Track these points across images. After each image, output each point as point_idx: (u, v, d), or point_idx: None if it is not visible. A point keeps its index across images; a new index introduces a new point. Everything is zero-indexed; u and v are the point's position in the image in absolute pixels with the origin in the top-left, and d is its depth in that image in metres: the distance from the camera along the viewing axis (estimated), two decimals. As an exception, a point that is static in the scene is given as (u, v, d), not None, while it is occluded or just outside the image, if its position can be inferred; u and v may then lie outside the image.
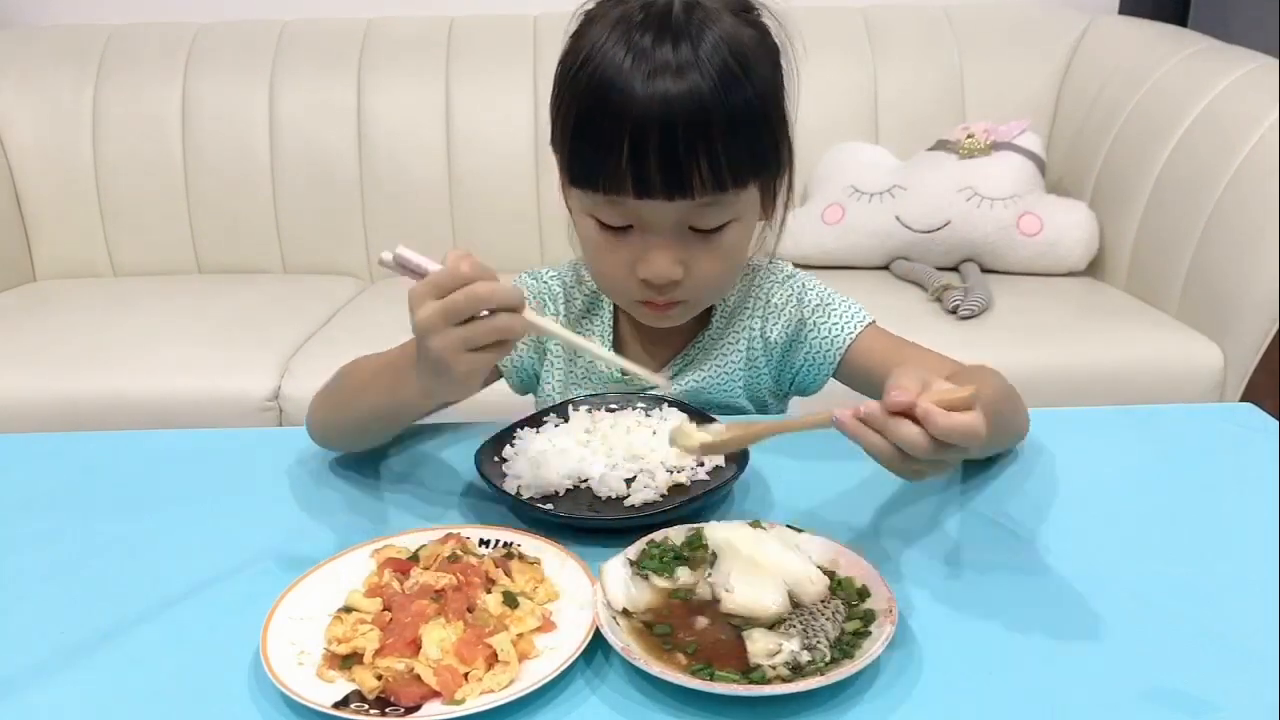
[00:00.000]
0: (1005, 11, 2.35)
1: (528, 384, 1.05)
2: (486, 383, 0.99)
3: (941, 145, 2.14)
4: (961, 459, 0.67)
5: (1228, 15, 2.43)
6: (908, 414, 0.63)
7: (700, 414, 0.91)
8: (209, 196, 2.27)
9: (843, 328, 0.97)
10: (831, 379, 1.00)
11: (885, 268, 2.11)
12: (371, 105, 2.24)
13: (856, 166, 2.15)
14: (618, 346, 1.01)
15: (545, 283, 1.03)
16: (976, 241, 2.03)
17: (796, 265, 1.04)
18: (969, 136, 2.11)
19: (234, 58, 2.28)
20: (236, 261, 2.30)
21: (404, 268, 0.74)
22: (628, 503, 0.79)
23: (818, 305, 0.98)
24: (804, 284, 1.00)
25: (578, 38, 0.85)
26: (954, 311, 1.83)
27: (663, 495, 0.79)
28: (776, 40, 0.88)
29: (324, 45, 2.29)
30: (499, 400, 1.10)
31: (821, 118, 2.23)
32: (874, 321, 0.99)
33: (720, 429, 0.77)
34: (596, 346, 0.83)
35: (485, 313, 0.71)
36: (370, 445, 0.91)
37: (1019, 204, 2.01)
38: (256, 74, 2.26)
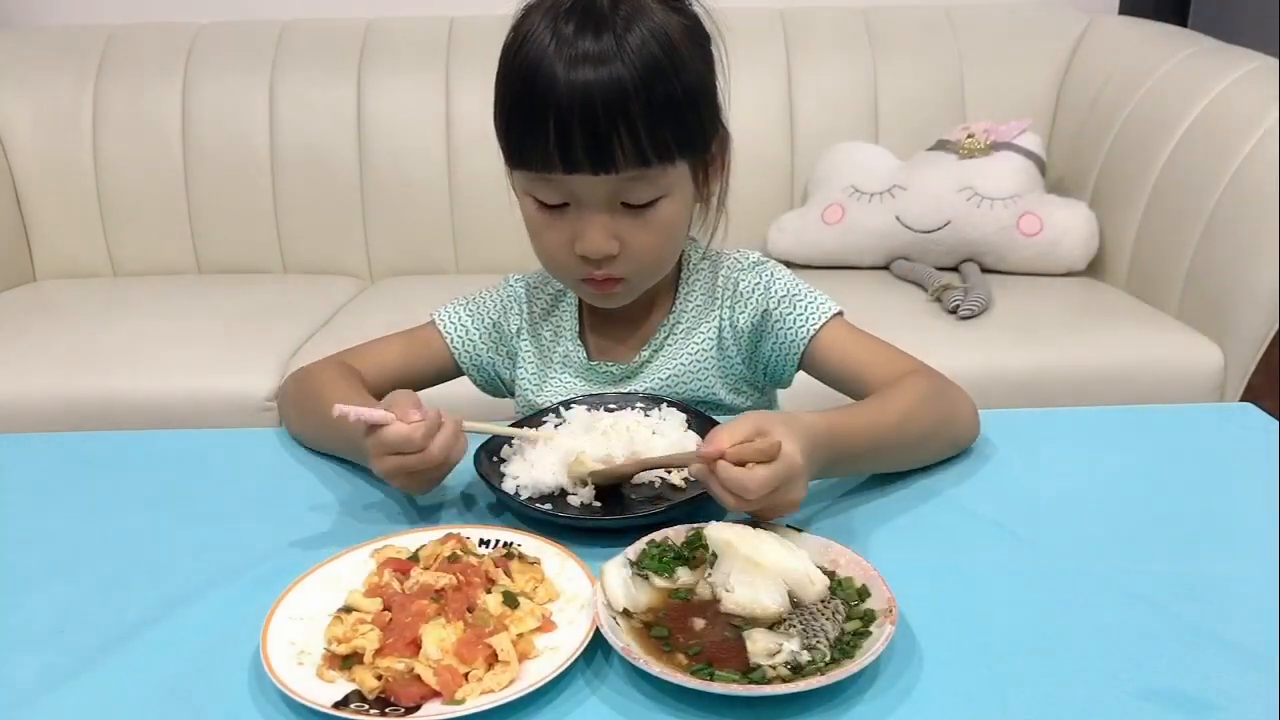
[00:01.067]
0: (1005, 11, 2.35)
1: (491, 383, 1.07)
2: (449, 379, 1.05)
3: (941, 145, 2.14)
4: (792, 496, 0.73)
5: (1228, 15, 2.43)
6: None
7: (697, 413, 0.91)
8: (209, 196, 2.27)
9: (807, 319, 0.97)
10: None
11: (885, 268, 2.11)
12: (372, 105, 2.24)
13: (856, 166, 2.15)
14: (584, 340, 1.03)
15: (511, 286, 1.06)
16: (976, 241, 2.03)
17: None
18: (969, 136, 2.11)
19: (234, 58, 2.28)
20: (236, 261, 2.30)
21: (356, 418, 0.78)
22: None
23: (784, 296, 0.98)
24: (772, 273, 1.00)
25: (515, 29, 0.89)
26: (954, 311, 1.83)
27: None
28: (707, 29, 0.91)
29: (324, 45, 2.29)
30: (498, 401, 1.10)
31: (821, 118, 2.23)
32: (840, 313, 0.98)
33: (614, 459, 0.82)
34: (494, 426, 0.89)
35: None
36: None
37: (1019, 204, 2.01)
38: (257, 74, 2.26)
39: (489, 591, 0.68)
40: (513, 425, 0.91)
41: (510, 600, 0.67)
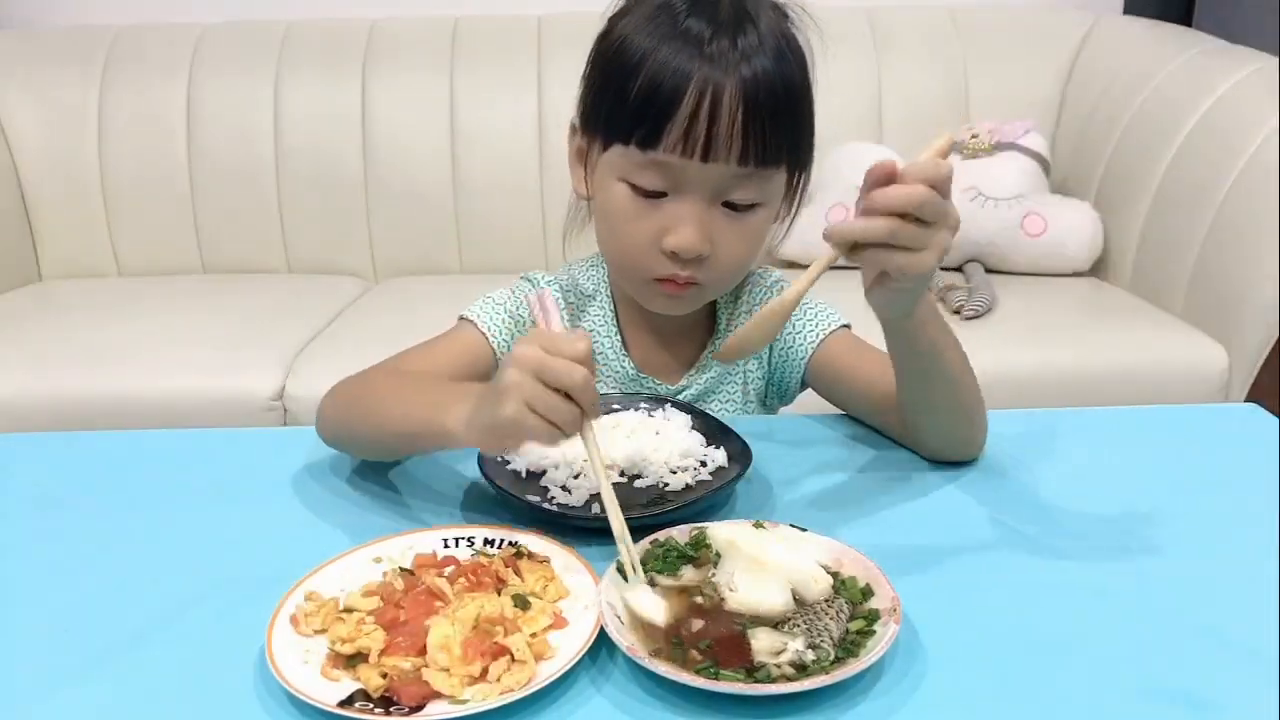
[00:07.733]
0: (1010, 12, 2.35)
1: None
2: (488, 379, 0.98)
3: (946, 145, 2.14)
4: (943, 242, 0.76)
5: (1232, 15, 2.43)
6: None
7: (701, 414, 0.91)
8: (214, 197, 2.27)
9: (815, 327, 0.98)
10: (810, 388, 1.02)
11: (889, 268, 2.11)
12: (376, 106, 2.25)
13: (860, 167, 2.13)
14: (629, 352, 1.01)
15: (541, 287, 1.01)
16: (981, 242, 2.03)
17: (800, 266, 1.05)
18: (973, 136, 2.11)
19: (239, 58, 2.29)
20: (241, 261, 2.31)
21: (541, 309, 0.76)
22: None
23: None
24: (784, 287, 1.02)
25: (621, 16, 0.87)
26: (958, 312, 1.83)
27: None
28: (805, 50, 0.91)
29: (328, 46, 2.30)
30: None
31: (826, 118, 2.19)
32: (847, 326, 0.99)
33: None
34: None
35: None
36: (374, 458, 0.90)
37: (1023, 204, 2.01)
38: (261, 75, 2.26)
39: (499, 592, 0.68)
40: None
41: (521, 602, 0.67)
